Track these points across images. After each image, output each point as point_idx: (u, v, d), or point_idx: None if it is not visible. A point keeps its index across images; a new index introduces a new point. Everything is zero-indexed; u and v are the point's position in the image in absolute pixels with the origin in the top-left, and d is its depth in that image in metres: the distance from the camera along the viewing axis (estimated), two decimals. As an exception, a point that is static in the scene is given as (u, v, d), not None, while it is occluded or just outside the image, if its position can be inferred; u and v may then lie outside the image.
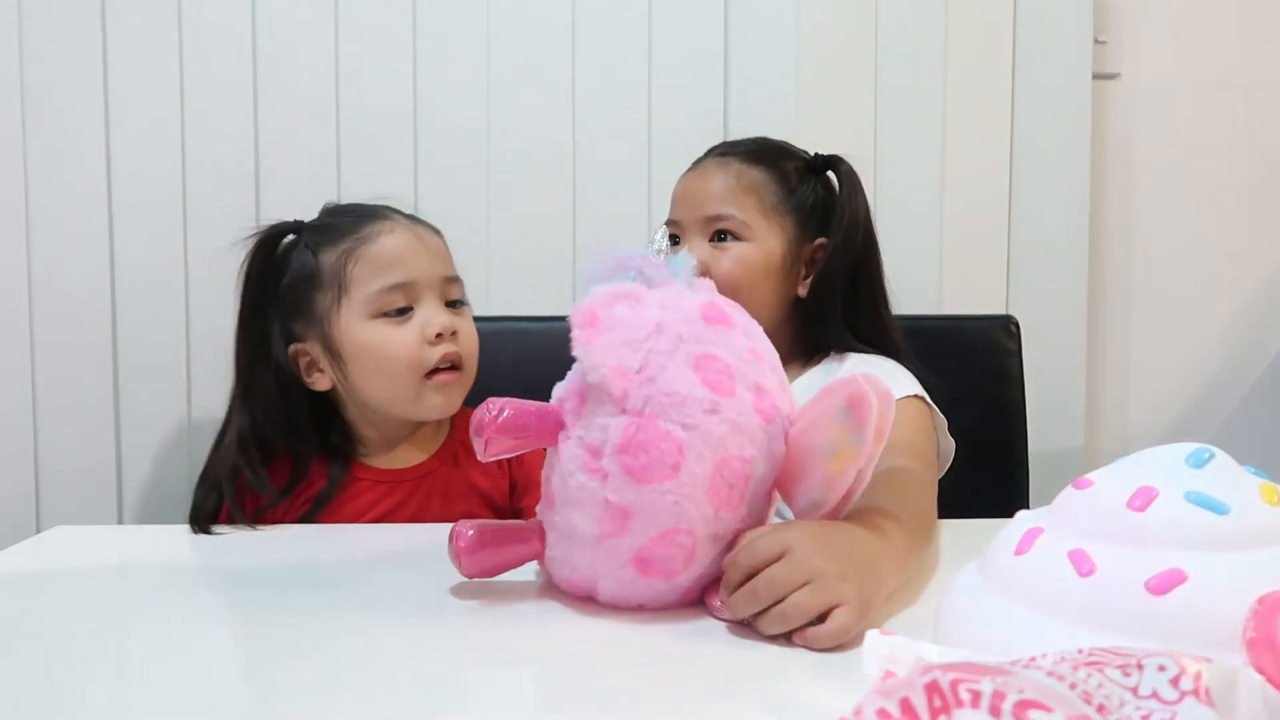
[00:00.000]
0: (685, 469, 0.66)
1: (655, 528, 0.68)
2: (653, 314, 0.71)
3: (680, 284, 0.75)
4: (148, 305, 1.62)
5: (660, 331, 0.70)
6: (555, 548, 0.73)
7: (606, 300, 0.70)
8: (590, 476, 0.68)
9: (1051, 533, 0.55)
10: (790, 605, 0.64)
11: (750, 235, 1.12)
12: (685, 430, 0.67)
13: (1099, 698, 0.38)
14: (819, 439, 0.70)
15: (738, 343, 0.72)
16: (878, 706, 0.36)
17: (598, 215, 1.68)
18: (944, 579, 0.62)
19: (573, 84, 1.67)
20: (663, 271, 0.75)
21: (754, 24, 1.68)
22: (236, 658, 0.66)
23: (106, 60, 1.62)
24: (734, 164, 1.16)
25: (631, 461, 0.66)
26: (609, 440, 0.67)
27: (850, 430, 0.68)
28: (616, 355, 0.68)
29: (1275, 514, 0.52)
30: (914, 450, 0.95)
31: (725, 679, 0.61)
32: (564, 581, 0.74)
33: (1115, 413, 1.82)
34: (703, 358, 0.69)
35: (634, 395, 0.67)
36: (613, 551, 0.69)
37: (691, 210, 1.14)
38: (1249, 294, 1.82)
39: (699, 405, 0.67)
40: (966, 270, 1.71)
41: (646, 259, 0.75)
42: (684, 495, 0.67)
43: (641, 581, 0.70)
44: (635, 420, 0.67)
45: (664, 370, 0.68)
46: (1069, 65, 1.71)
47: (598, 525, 0.69)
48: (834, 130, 1.65)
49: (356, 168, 1.66)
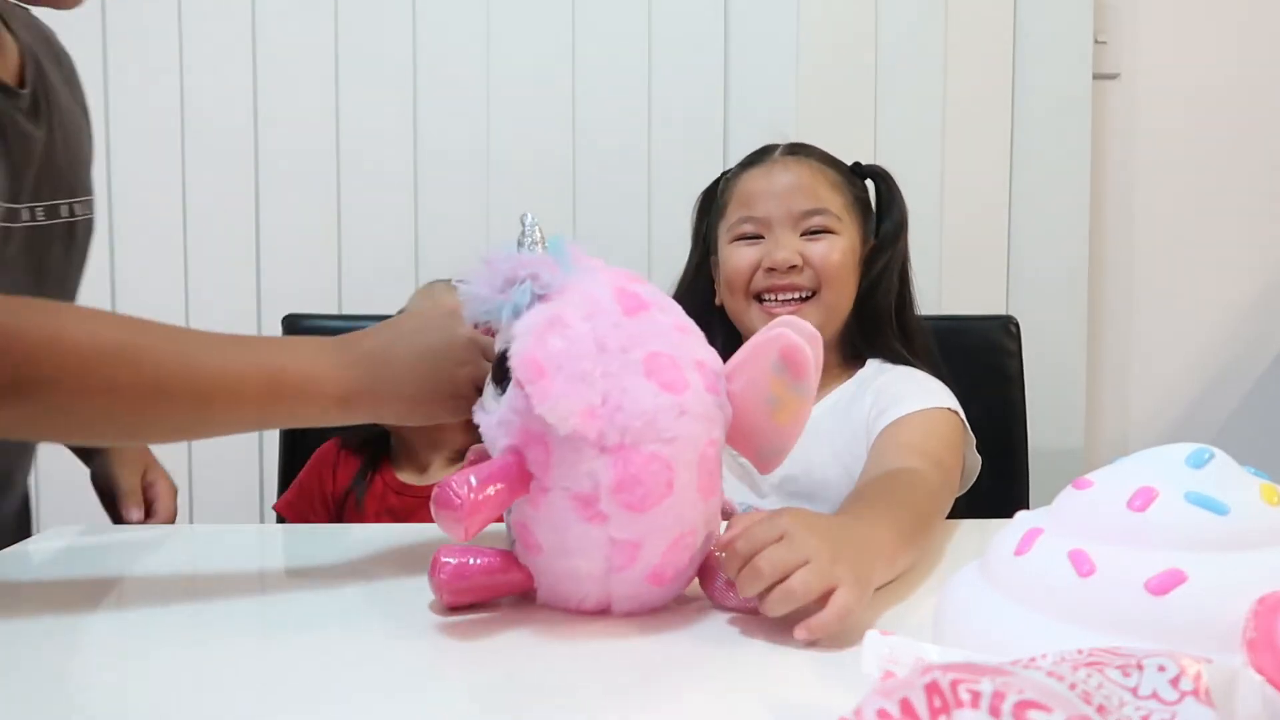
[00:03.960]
0: (678, 481, 0.66)
1: (664, 543, 0.68)
2: (583, 332, 0.66)
3: (578, 276, 0.70)
4: (147, 304, 1.62)
5: (602, 350, 0.66)
6: (558, 586, 0.71)
7: (539, 340, 0.64)
8: (590, 524, 0.66)
9: (1051, 533, 0.55)
10: (795, 582, 0.65)
11: (840, 228, 1.12)
12: (667, 445, 0.66)
13: (1099, 698, 0.38)
14: (761, 394, 0.71)
15: (661, 322, 0.70)
16: (878, 706, 0.36)
17: (598, 215, 1.68)
18: (944, 579, 0.62)
19: (573, 84, 1.67)
20: (557, 271, 0.69)
21: (754, 24, 1.68)
22: (236, 658, 0.66)
23: (106, 64, 1.62)
24: (811, 160, 1.16)
25: (629, 497, 0.65)
26: (601, 484, 0.65)
27: (789, 383, 0.70)
28: (577, 397, 0.63)
29: (1275, 514, 0.52)
30: (931, 456, 0.94)
31: (725, 679, 0.61)
32: (569, 610, 0.72)
33: (1115, 413, 1.82)
34: (649, 360, 0.67)
35: (609, 431, 0.64)
36: (627, 579, 0.68)
37: (780, 205, 1.11)
38: (1249, 294, 1.81)
39: (669, 415, 0.66)
40: (966, 270, 1.71)
41: (536, 261, 0.69)
42: (682, 503, 0.67)
43: (657, 591, 0.70)
44: (619, 455, 0.65)
45: (625, 393, 0.65)
46: (1069, 65, 1.71)
47: (607, 563, 0.67)
48: (834, 130, 1.65)
49: (357, 170, 1.66)
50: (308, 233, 1.67)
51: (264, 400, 0.72)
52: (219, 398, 0.71)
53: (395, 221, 1.70)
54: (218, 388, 0.71)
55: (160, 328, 0.73)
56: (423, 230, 1.71)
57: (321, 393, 0.73)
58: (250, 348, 0.75)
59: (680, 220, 1.33)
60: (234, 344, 0.74)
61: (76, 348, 0.67)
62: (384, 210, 1.71)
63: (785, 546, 0.66)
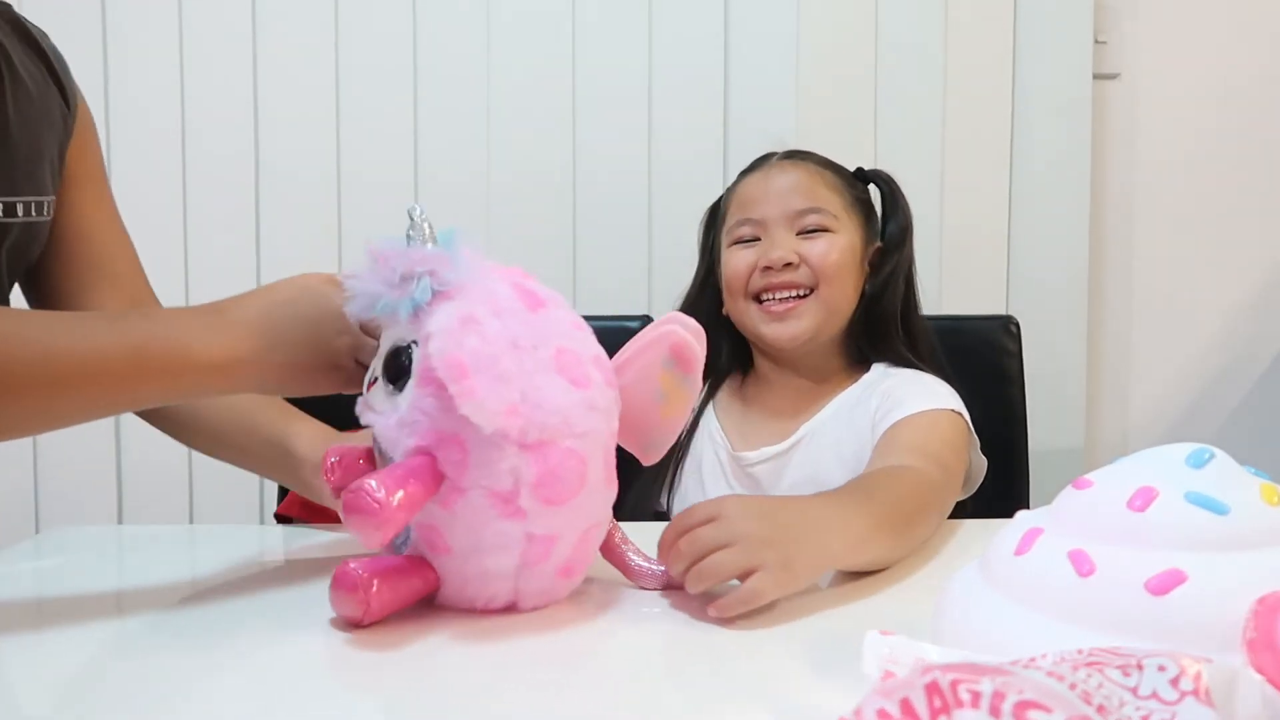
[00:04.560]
0: (590, 474, 0.68)
1: (576, 535, 0.69)
2: (495, 329, 0.65)
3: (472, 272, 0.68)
4: (148, 305, 1.62)
5: (515, 347, 0.66)
6: (465, 588, 0.69)
7: (456, 340, 0.63)
8: (509, 521, 0.66)
9: (1051, 533, 0.55)
10: (708, 564, 0.68)
11: (838, 227, 1.13)
12: (580, 440, 0.67)
13: (1099, 698, 0.38)
14: (650, 388, 0.73)
15: (562, 319, 0.70)
16: (878, 706, 0.36)
17: (598, 216, 1.68)
18: (944, 579, 0.62)
19: (573, 85, 1.67)
20: (452, 267, 0.67)
21: (754, 25, 1.68)
22: (236, 658, 0.66)
23: (106, 65, 1.62)
24: (807, 164, 1.17)
25: (548, 492, 0.66)
26: (522, 481, 0.65)
27: (679, 377, 0.73)
28: (500, 397, 0.63)
29: (1275, 514, 0.52)
30: (931, 454, 0.95)
31: (725, 679, 0.61)
32: (475, 611, 0.70)
33: (1115, 413, 1.82)
34: (558, 356, 0.67)
35: (529, 428, 0.64)
36: (539, 574, 0.69)
37: (776, 206, 1.13)
38: (1249, 294, 1.81)
39: (580, 410, 0.67)
40: (966, 270, 1.71)
41: (432, 257, 0.67)
42: (593, 496, 0.69)
43: (563, 584, 0.72)
44: (539, 452, 0.65)
45: (539, 390, 0.65)
46: (1069, 65, 1.71)
47: (521, 558, 0.68)
48: (834, 130, 1.65)
49: (357, 172, 1.66)
50: (308, 233, 1.67)
51: (130, 377, 0.68)
52: (75, 381, 0.66)
53: (395, 224, 1.70)
54: (72, 371, 0.66)
55: (12, 314, 0.68)
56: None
57: (195, 363, 0.69)
58: (113, 323, 0.70)
59: (680, 227, 1.33)
60: (95, 321, 0.70)
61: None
62: (384, 212, 1.70)
63: (713, 527, 0.69)
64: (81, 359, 0.66)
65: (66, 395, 0.67)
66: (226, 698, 0.59)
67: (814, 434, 1.12)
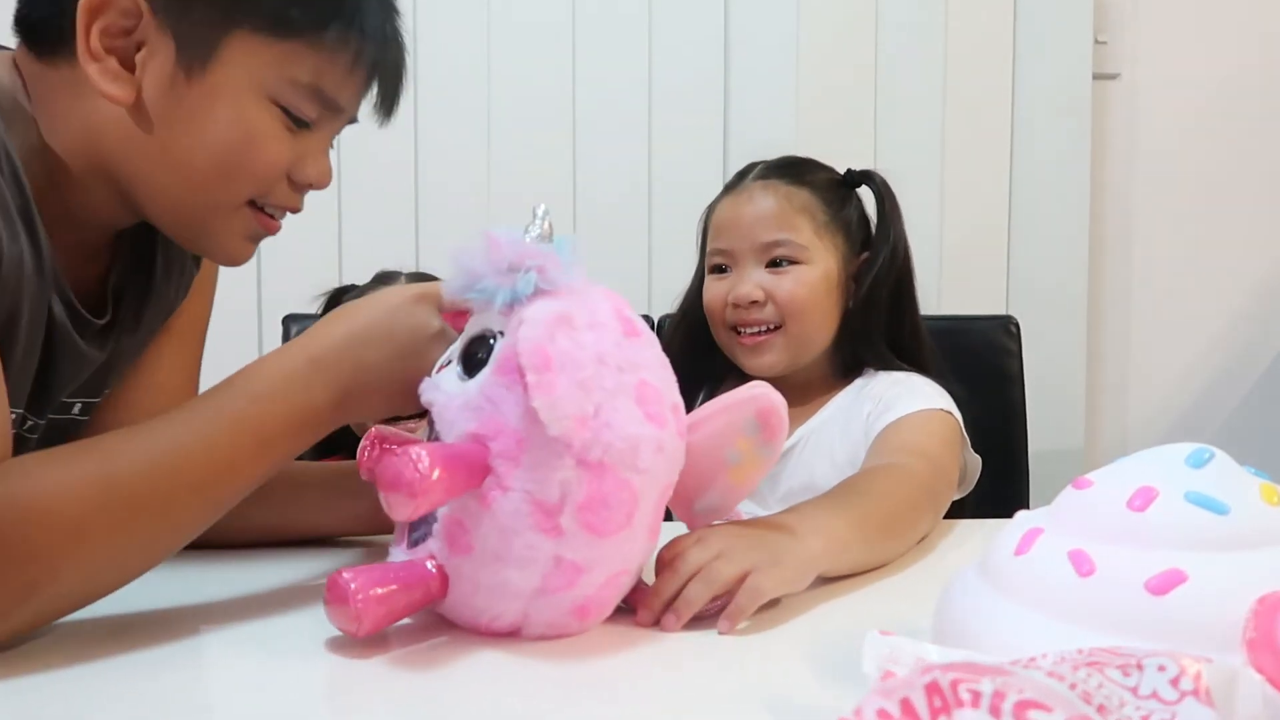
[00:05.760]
0: (638, 514, 0.64)
1: (604, 575, 0.65)
2: (587, 340, 0.63)
3: (580, 281, 0.67)
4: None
5: (601, 363, 0.63)
6: (474, 597, 0.65)
7: (549, 333, 0.61)
8: (543, 536, 0.62)
9: (1051, 533, 0.55)
10: (709, 571, 0.68)
11: (807, 258, 1.11)
12: (639, 475, 0.63)
13: (1099, 698, 0.38)
14: (725, 449, 0.70)
15: (652, 355, 0.68)
16: (878, 706, 0.36)
17: (598, 216, 1.68)
18: (944, 579, 0.62)
19: (573, 86, 1.67)
20: (563, 270, 0.65)
21: (754, 26, 1.68)
22: (236, 659, 0.66)
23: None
24: (780, 185, 1.14)
25: (593, 518, 0.62)
26: (570, 497, 0.61)
27: (760, 443, 0.70)
28: (575, 402, 0.60)
29: (1275, 514, 0.52)
30: (922, 452, 0.95)
31: (725, 679, 0.61)
32: (476, 628, 0.67)
33: (1115, 413, 1.82)
34: (640, 388, 0.64)
35: (593, 445, 0.61)
36: (555, 604, 0.65)
37: (744, 238, 1.12)
38: (1249, 294, 1.82)
39: (649, 446, 0.63)
40: (966, 270, 1.71)
41: (545, 255, 0.65)
42: (634, 539, 0.65)
43: (574, 624, 0.67)
44: (596, 472, 0.61)
45: (616, 412, 0.62)
46: (1069, 65, 1.71)
47: (542, 581, 0.63)
48: (834, 131, 1.65)
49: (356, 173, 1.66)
50: (308, 233, 1.67)
51: (259, 459, 0.69)
52: (219, 482, 0.68)
53: (395, 224, 1.70)
54: (211, 475, 0.67)
55: (126, 438, 0.67)
56: (423, 231, 1.71)
57: (306, 424, 0.70)
58: (220, 413, 0.69)
59: (680, 229, 1.33)
60: (202, 418, 0.68)
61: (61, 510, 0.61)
62: (384, 212, 1.71)
63: (699, 545, 0.69)
64: (212, 461, 0.67)
65: (215, 495, 0.68)
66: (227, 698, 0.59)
67: (808, 440, 1.12)
